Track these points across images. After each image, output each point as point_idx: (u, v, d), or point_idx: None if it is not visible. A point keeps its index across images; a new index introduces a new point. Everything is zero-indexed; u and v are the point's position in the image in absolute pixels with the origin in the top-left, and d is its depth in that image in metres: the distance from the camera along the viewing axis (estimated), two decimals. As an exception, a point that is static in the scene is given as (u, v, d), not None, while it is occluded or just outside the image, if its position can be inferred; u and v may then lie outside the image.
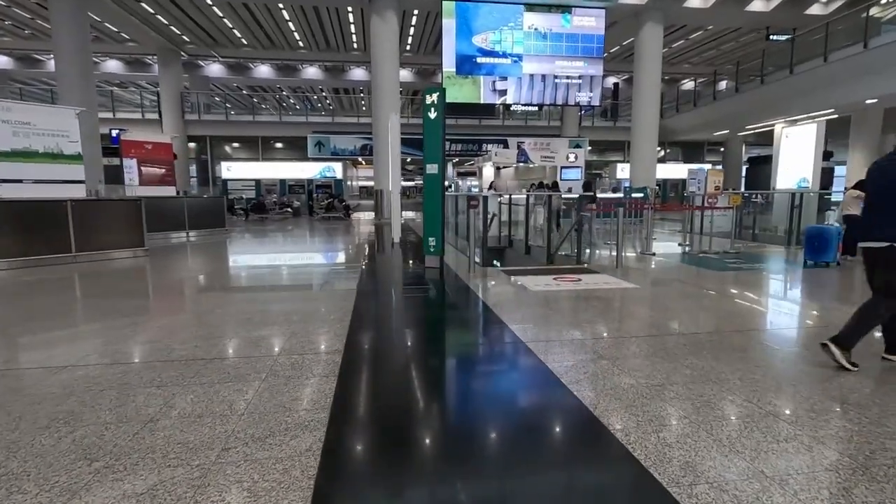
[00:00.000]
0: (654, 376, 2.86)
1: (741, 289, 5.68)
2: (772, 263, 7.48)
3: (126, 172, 11.84)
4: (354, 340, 3.54)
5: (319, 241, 11.62)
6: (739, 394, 2.62)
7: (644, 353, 3.26)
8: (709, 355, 3.23)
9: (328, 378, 2.83)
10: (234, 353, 3.33)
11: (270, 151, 26.68)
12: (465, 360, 3.34)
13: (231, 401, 2.53)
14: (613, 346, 3.44)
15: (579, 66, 17.86)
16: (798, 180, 12.04)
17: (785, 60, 16.76)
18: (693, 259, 7.87)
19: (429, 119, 6.82)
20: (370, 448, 2.14)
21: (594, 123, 26.24)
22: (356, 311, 4.40)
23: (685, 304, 4.79)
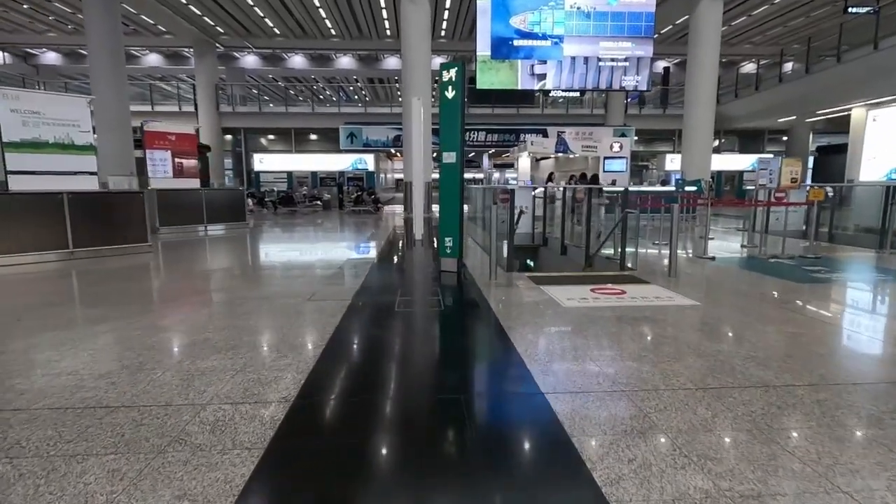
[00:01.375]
0: (742, 473, 1.83)
1: (837, 310, 4.43)
2: (865, 273, 6.09)
3: (150, 164, 11.53)
4: (313, 387, 2.67)
5: (336, 238, 10.90)
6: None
7: (721, 422, 2.22)
8: (822, 429, 2.15)
9: (249, 454, 1.97)
10: (140, 400, 2.52)
11: (304, 143, 26.43)
12: (450, 430, 2.29)
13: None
14: (673, 406, 2.40)
15: (626, 48, 16.28)
16: (889, 171, 10.31)
17: (868, 34, 14.64)
18: (762, 265, 6.57)
19: (446, 99, 5.85)
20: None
21: (641, 111, 24.43)
22: (335, 337, 3.54)
23: (765, 332, 3.64)
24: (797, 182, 7.09)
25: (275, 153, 25.63)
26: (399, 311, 4.28)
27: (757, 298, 4.69)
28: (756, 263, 6.72)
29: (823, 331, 3.68)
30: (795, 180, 7.06)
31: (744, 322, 3.86)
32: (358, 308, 4.41)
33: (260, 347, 3.30)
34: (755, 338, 3.46)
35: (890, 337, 3.51)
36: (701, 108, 16.61)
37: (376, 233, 11.44)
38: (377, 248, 8.75)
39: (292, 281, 5.79)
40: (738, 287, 5.22)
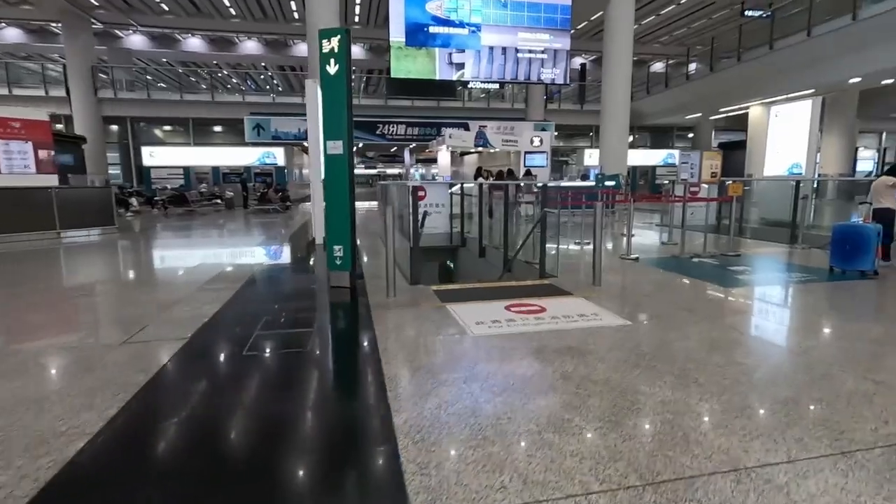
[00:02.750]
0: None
1: (781, 326, 3.90)
2: (790, 273, 5.80)
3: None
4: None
5: (221, 243, 9.34)
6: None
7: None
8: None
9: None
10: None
11: (205, 135, 23.81)
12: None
13: None
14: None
15: (543, 40, 15.98)
16: (790, 166, 10.67)
17: (765, 36, 15.35)
18: (687, 266, 6.12)
19: (327, 75, 4.72)
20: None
21: (560, 106, 24.55)
22: (139, 398, 2.36)
23: (716, 368, 2.94)
24: (717, 176, 6.76)
25: (170, 146, 22.80)
26: (248, 355, 3.12)
27: (691, 312, 4.06)
28: (680, 264, 6.26)
29: (779, 358, 3.04)
30: (715, 174, 6.73)
31: (686, 351, 3.14)
32: (192, 353, 3.19)
33: (22, 439, 2.04)
34: (704, 376, 2.72)
35: (854, 362, 2.93)
36: (616, 104, 16.69)
37: (274, 236, 10.00)
38: (266, 256, 7.41)
39: (123, 308, 4.40)
40: (669, 297, 4.61)
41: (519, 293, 4.69)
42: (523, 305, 4.23)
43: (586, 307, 4.17)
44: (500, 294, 4.67)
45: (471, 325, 3.69)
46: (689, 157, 6.75)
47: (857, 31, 12.28)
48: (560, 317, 3.89)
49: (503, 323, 3.74)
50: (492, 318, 3.87)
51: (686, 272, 5.71)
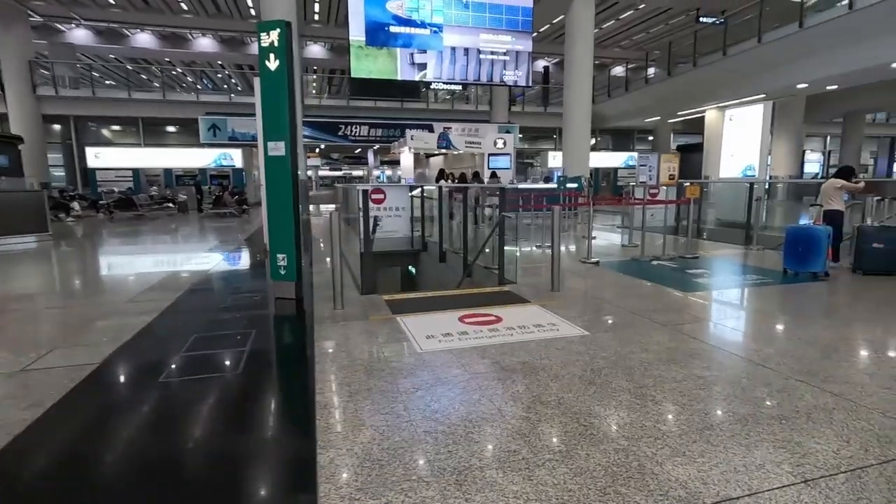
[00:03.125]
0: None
1: (739, 333, 3.81)
2: (746, 275, 5.80)
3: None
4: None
5: (163, 251, 8.75)
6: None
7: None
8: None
9: None
10: None
11: (157, 136, 22.72)
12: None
13: None
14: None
15: (506, 41, 15.92)
16: (744, 168, 10.91)
17: (719, 42, 15.77)
18: (647, 270, 6.06)
19: (267, 71, 4.38)
20: None
21: (524, 109, 24.65)
22: (18, 442, 1.99)
23: (674, 384, 2.78)
24: (674, 178, 6.75)
25: (118, 147, 21.61)
26: (162, 383, 2.77)
27: (650, 320, 3.93)
28: (640, 268, 6.20)
29: (737, 369, 2.92)
30: (673, 176, 6.71)
31: (644, 364, 2.98)
32: (98, 382, 2.81)
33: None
34: (662, 393, 2.55)
35: (811, 372, 2.83)
36: (578, 107, 16.81)
37: (225, 242, 9.47)
38: (212, 264, 6.94)
39: (34, 327, 3.93)
40: (628, 303, 4.48)
41: (475, 302, 4.47)
42: (478, 316, 4.01)
43: (543, 316, 3.99)
44: (455, 303, 4.44)
45: (420, 339, 3.44)
46: (648, 160, 6.71)
47: (803, 39, 12.74)
48: (515, 328, 3.68)
49: (455, 336, 3.50)
50: (444, 330, 3.63)
51: (646, 276, 5.64)
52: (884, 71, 12.44)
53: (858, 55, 11.84)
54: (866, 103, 21.20)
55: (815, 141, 30.24)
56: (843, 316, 4.19)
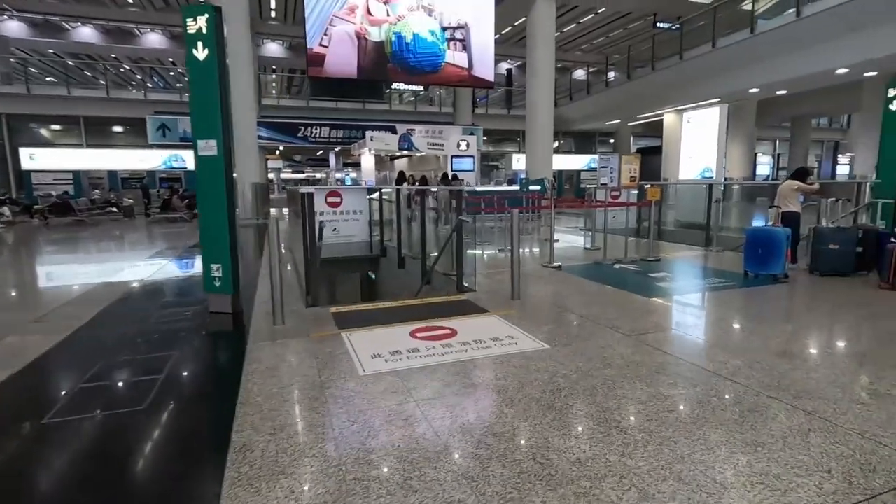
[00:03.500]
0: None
1: (704, 343, 3.63)
2: (708, 278, 5.72)
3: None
4: None
5: (95, 260, 8.04)
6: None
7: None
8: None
9: None
10: None
11: (102, 136, 21.36)
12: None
13: None
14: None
15: (468, 42, 15.70)
16: (702, 170, 11.07)
17: (676, 47, 16.08)
18: (609, 274, 5.90)
19: (195, 62, 3.94)
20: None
21: (488, 111, 24.57)
22: None
23: (636, 398, 2.55)
24: (635, 180, 6.63)
25: (57, 147, 20.18)
26: (48, 424, 2.32)
27: (613, 329, 3.71)
28: (602, 272, 6.04)
29: (705, 385, 2.70)
30: (634, 178, 6.60)
31: (607, 382, 2.73)
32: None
33: None
34: (627, 418, 2.30)
35: (781, 387, 2.64)
36: (541, 109, 16.78)
37: (169, 248, 8.80)
38: (147, 274, 6.35)
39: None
40: (590, 311, 4.26)
41: (430, 313, 4.15)
42: (431, 329, 3.69)
43: (501, 328, 3.71)
44: (408, 315, 4.11)
45: (364, 359, 3.09)
46: (609, 161, 6.58)
47: (754, 45, 13.07)
48: (471, 342, 3.38)
49: (404, 355, 3.17)
50: (392, 347, 3.29)
51: (608, 280, 5.46)
52: (828, 77, 12.90)
53: (805, 61, 12.23)
54: (811, 108, 22.19)
55: (765, 144, 31.54)
56: (806, 322, 4.10)
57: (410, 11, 13.58)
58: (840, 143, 30.61)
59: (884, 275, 4.86)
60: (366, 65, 13.40)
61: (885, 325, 3.82)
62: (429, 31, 13.84)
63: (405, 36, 13.45)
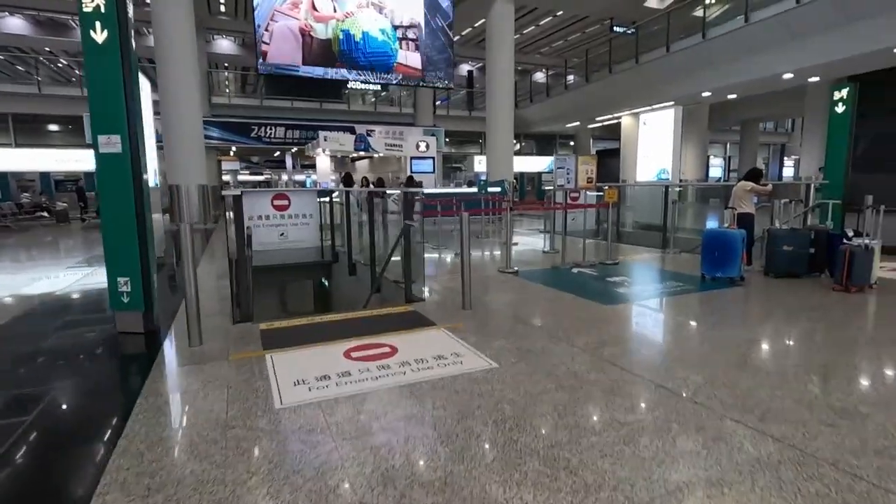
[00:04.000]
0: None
1: (662, 357, 3.40)
2: (665, 282, 5.56)
3: None
4: None
5: (8, 270, 7.21)
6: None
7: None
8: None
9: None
10: None
11: (34, 135, 19.80)
12: None
13: None
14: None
15: (428, 40, 15.38)
16: (658, 171, 11.15)
17: (633, 50, 16.28)
18: (566, 279, 5.67)
19: (92, 44, 3.43)
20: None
21: (450, 112, 24.33)
22: None
23: (590, 429, 2.25)
24: (593, 182, 6.45)
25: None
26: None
27: (569, 343, 3.43)
28: (560, 277, 5.81)
29: (665, 409, 2.44)
30: (591, 180, 6.42)
31: (559, 410, 2.42)
32: None
33: None
34: (578, 456, 1.99)
35: (744, 407, 2.41)
36: (501, 110, 16.63)
37: (95, 258, 8.02)
38: (61, 286, 5.66)
39: None
40: (545, 322, 3.99)
41: (371, 328, 3.77)
42: (369, 347, 3.31)
43: (448, 344, 3.36)
44: (346, 330, 3.70)
45: (285, 388, 2.67)
46: (565, 163, 6.37)
47: (706, 50, 13.32)
48: (411, 362, 3.02)
49: (332, 380, 2.77)
50: (321, 371, 2.89)
51: (565, 286, 5.22)
52: (775, 81, 13.29)
53: (753, 66, 12.54)
54: (759, 113, 23.08)
55: (717, 147, 32.70)
56: (766, 329, 3.95)
57: (359, 8, 13.11)
58: (786, 146, 32.08)
59: (837, 277, 4.82)
60: (311, 63, 12.85)
61: (844, 332, 3.71)
62: (379, 29, 13.42)
63: (354, 34, 12.97)
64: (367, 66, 13.44)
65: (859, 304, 4.44)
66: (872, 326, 3.80)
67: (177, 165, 13.42)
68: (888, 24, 9.40)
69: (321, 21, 12.71)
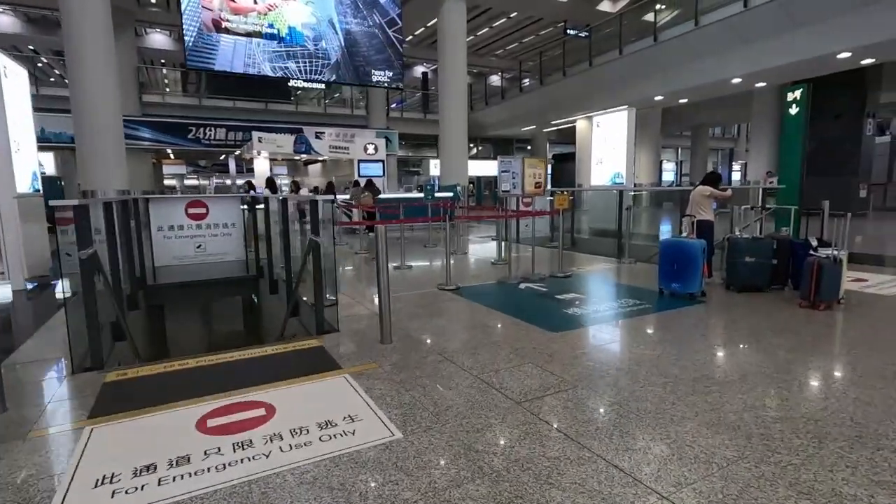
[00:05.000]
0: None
1: (612, 409, 2.73)
2: (620, 299, 4.97)
3: None
4: None
5: None
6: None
7: None
8: None
9: None
10: None
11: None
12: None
13: None
14: None
15: (373, 32, 14.59)
16: (612, 175, 10.77)
17: (587, 53, 16.05)
18: (513, 296, 5.01)
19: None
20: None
21: (403, 115, 23.56)
22: None
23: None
24: (541, 187, 5.83)
25: None
26: None
27: (502, 393, 2.72)
28: (506, 294, 5.13)
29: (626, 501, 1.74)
30: (539, 185, 5.79)
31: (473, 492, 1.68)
32: None
33: None
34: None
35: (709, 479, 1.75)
36: (454, 112, 15.98)
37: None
38: None
39: None
40: (477, 360, 3.26)
41: (254, 374, 2.93)
42: (239, 409, 2.47)
43: (345, 400, 2.58)
44: (222, 378, 2.85)
45: (79, 492, 1.81)
46: (510, 165, 5.71)
47: (658, 53, 13.15)
48: (286, 434, 2.22)
49: (159, 472, 1.93)
50: (150, 457, 2.04)
51: (509, 307, 4.54)
52: (724, 86, 13.25)
53: (702, 71, 12.44)
54: (709, 117, 23.53)
55: (669, 152, 33.41)
56: (736, 364, 3.37)
57: (285, 1, 12.17)
58: (734, 150, 33.11)
59: (804, 291, 4.35)
60: (232, 59, 11.83)
61: (821, 361, 3.18)
62: (307, 24, 12.52)
63: (280, 29, 12.00)
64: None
65: (829, 324, 3.97)
66: (853, 355, 3.29)
67: (91, 169, 12.06)
68: (833, 31, 9.37)
69: (239, 13, 11.66)
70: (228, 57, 12.68)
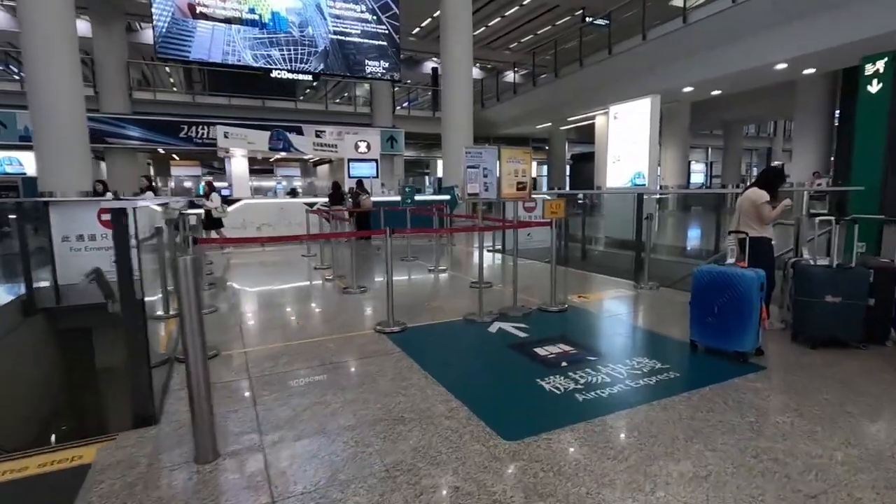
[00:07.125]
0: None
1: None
2: (632, 361, 3.36)
3: None
4: None
5: None
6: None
7: None
8: None
9: None
10: None
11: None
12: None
13: None
14: None
15: (364, 18, 13.19)
16: (633, 175, 9.07)
17: (604, 41, 14.34)
18: (475, 348, 3.46)
19: None
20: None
21: (411, 113, 22.13)
22: None
23: None
24: (525, 188, 4.24)
25: None
26: None
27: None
28: (466, 344, 3.59)
29: None
30: (524, 186, 4.21)
31: None
32: None
33: None
34: None
35: None
36: (458, 108, 14.44)
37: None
38: None
39: None
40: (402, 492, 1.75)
41: None
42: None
43: None
44: None
45: None
46: (480, 158, 4.14)
47: (687, 36, 11.39)
48: None
49: None
50: None
51: (463, 372, 3.00)
52: (766, 73, 11.40)
53: (741, 55, 10.65)
54: (742, 113, 21.40)
55: (698, 152, 31.09)
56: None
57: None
58: (771, 150, 30.60)
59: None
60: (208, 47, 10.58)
61: None
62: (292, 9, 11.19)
63: (262, 14, 10.70)
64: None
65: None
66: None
67: (51, 169, 11.04)
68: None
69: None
70: (206, 45, 11.49)
